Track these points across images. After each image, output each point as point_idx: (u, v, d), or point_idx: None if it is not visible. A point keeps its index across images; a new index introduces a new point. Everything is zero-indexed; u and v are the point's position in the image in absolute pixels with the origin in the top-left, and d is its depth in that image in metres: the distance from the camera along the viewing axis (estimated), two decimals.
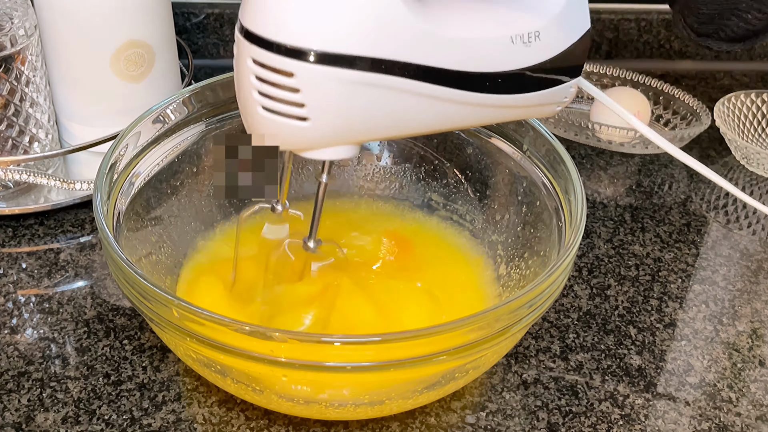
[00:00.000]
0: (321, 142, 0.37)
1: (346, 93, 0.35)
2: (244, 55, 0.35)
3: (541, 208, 0.48)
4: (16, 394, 0.46)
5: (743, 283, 0.56)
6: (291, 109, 0.35)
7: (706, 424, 0.46)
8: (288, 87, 0.35)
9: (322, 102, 0.35)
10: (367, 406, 0.42)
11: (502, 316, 0.38)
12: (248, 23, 0.35)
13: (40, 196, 0.59)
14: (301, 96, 0.35)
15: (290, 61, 0.34)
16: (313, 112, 0.35)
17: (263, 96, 0.36)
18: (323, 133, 0.37)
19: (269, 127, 0.36)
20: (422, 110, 0.38)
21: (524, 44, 0.38)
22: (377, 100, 0.36)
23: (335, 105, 0.35)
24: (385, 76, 0.35)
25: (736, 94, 0.70)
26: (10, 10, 0.57)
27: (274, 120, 0.36)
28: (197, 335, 0.37)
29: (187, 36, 0.80)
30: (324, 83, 0.35)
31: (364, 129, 0.38)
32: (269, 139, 0.37)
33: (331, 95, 0.35)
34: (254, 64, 0.35)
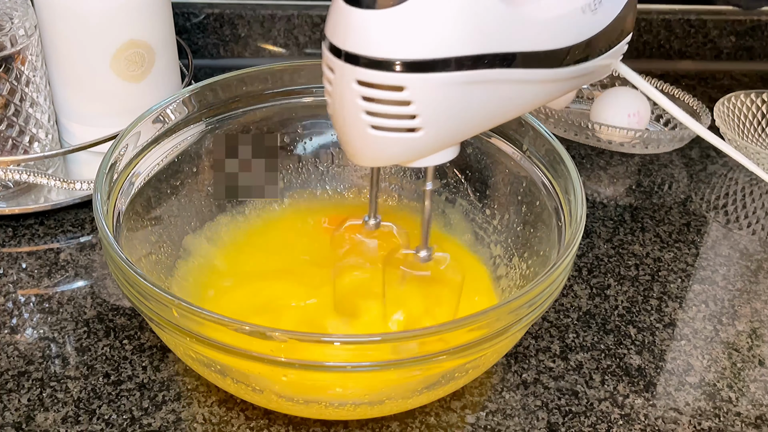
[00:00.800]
0: (430, 150, 0.38)
1: (455, 95, 0.35)
2: (346, 78, 0.35)
3: (541, 208, 0.48)
4: (16, 394, 0.46)
5: (743, 282, 0.56)
6: (403, 123, 0.35)
7: (706, 423, 0.46)
8: (399, 101, 0.35)
9: (433, 109, 0.35)
10: (367, 406, 0.42)
11: (502, 315, 0.38)
12: (346, 45, 0.34)
13: (40, 196, 0.59)
14: (413, 108, 0.35)
15: (398, 75, 0.34)
16: (425, 121, 0.35)
17: (372, 115, 0.35)
18: (434, 140, 0.37)
19: (379, 145, 0.36)
20: (517, 96, 0.39)
21: (592, 12, 0.40)
22: (481, 96, 0.37)
23: (446, 109, 0.36)
24: (488, 70, 0.36)
25: (736, 94, 0.70)
26: (10, 10, 0.57)
27: (385, 137, 0.36)
28: (197, 335, 0.37)
29: (187, 36, 0.80)
30: (434, 90, 0.35)
31: (470, 126, 0.38)
32: (380, 158, 0.37)
33: (442, 100, 0.35)
34: (359, 86, 0.35)
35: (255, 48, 0.81)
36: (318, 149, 0.57)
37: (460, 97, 0.36)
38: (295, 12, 0.80)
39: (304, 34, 0.81)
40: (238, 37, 0.81)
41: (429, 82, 0.34)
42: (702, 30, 0.83)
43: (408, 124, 0.35)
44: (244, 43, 0.81)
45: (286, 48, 0.82)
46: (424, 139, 0.36)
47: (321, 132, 0.56)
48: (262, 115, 0.54)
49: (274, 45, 0.82)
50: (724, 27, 0.83)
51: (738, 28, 0.83)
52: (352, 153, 0.38)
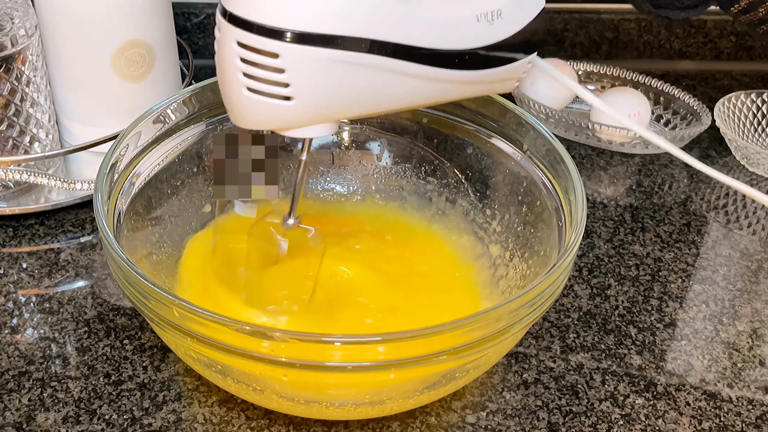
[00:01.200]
0: (304, 121, 0.39)
1: (329, 72, 0.36)
2: (227, 38, 0.36)
3: (542, 208, 0.48)
4: (17, 394, 0.46)
5: (743, 282, 0.56)
6: (276, 89, 0.36)
7: (707, 423, 0.46)
8: (273, 67, 0.36)
9: (306, 81, 0.36)
10: (367, 406, 0.42)
11: (503, 315, 0.38)
12: (231, 6, 0.36)
13: (40, 196, 0.59)
14: (285, 76, 0.36)
15: (275, 42, 0.35)
16: (298, 91, 0.37)
17: (248, 77, 0.37)
18: (306, 112, 0.38)
19: (254, 108, 0.38)
20: (398, 87, 0.39)
21: (488, 22, 0.40)
22: (358, 79, 0.37)
23: (319, 84, 0.37)
24: (366, 55, 0.37)
25: (736, 94, 0.70)
26: (11, 10, 0.57)
27: (259, 101, 0.37)
28: (198, 335, 0.37)
29: (188, 36, 0.80)
30: (308, 63, 0.36)
31: (345, 106, 0.39)
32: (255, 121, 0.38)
33: (315, 74, 0.36)
34: (239, 47, 0.36)
35: None
36: (317, 150, 0.57)
37: (336, 75, 0.37)
38: None
39: None
40: None
41: (304, 54, 0.35)
42: (702, 30, 0.83)
43: (281, 92, 0.36)
44: None
45: None
46: (297, 109, 0.37)
47: None
48: None
49: None
50: (725, 27, 0.83)
51: (738, 28, 0.83)
52: (232, 114, 0.39)
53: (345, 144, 0.57)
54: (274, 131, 0.40)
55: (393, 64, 0.38)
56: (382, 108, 0.41)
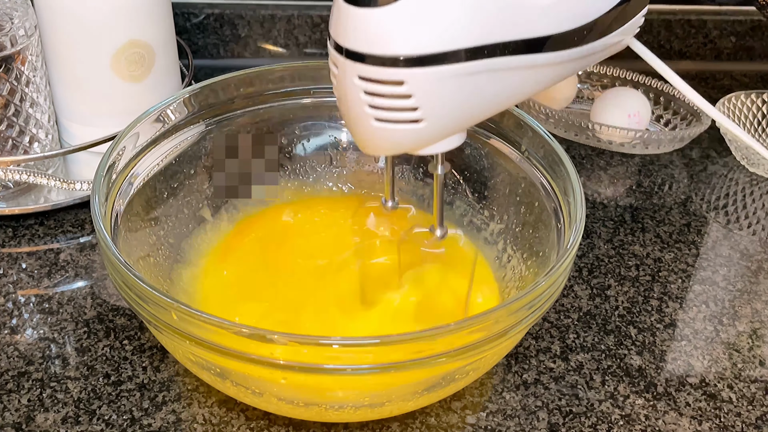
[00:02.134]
0: (435, 138, 0.39)
1: (456, 86, 0.36)
2: (348, 74, 0.36)
3: (540, 209, 0.48)
4: (16, 394, 0.46)
5: (743, 283, 0.56)
6: (405, 115, 0.36)
7: (707, 424, 0.46)
8: (399, 95, 0.36)
9: (434, 101, 0.36)
10: (367, 408, 0.42)
11: (502, 317, 0.38)
12: (346, 42, 0.35)
13: (40, 196, 0.59)
14: (413, 101, 0.36)
15: (397, 70, 0.35)
16: (427, 112, 0.36)
17: (375, 108, 0.36)
18: (438, 130, 0.38)
19: (385, 135, 0.37)
20: (524, 81, 0.39)
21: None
22: (484, 85, 0.37)
23: (447, 100, 0.36)
24: (488, 60, 0.36)
25: (737, 94, 0.70)
26: (10, 10, 0.57)
27: (389, 129, 0.37)
28: (196, 338, 0.37)
29: (188, 36, 0.80)
30: (433, 83, 0.35)
31: (475, 114, 0.39)
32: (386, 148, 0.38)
33: (442, 92, 0.36)
34: (361, 81, 0.36)
35: (255, 48, 0.81)
36: (316, 150, 0.57)
37: (460, 87, 0.36)
38: (296, 12, 0.80)
39: (304, 34, 0.81)
40: (239, 37, 0.80)
41: (428, 75, 0.35)
42: (702, 30, 0.83)
43: (410, 116, 0.36)
44: (245, 43, 0.81)
45: (287, 48, 0.82)
46: (428, 129, 0.37)
47: (319, 133, 0.56)
48: (260, 116, 0.54)
49: (274, 45, 0.82)
50: (725, 27, 0.83)
51: (738, 29, 0.83)
52: (361, 144, 0.39)
53: (343, 145, 0.57)
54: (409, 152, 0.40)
55: (515, 61, 0.37)
56: (507, 104, 0.41)
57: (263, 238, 0.53)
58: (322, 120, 0.56)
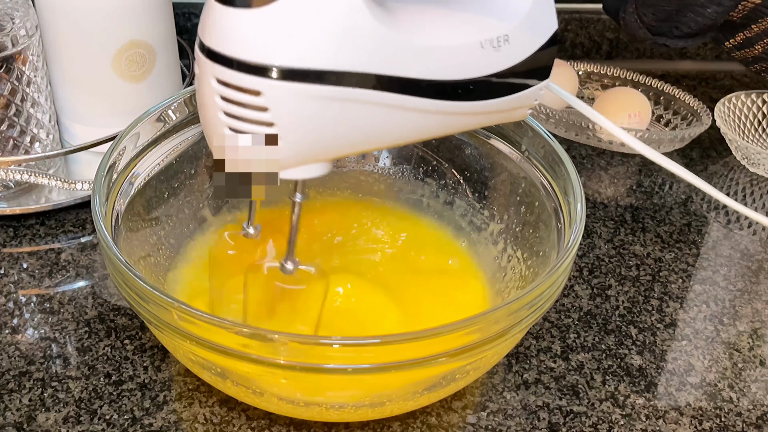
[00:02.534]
0: (292, 162, 0.36)
1: (317, 109, 0.34)
2: (206, 74, 0.34)
3: (540, 209, 0.48)
4: (18, 394, 0.46)
5: (744, 283, 0.56)
6: (260, 129, 0.34)
7: (707, 424, 0.46)
8: (255, 106, 0.33)
9: (292, 120, 0.34)
10: (367, 408, 0.42)
11: (502, 317, 0.38)
12: (209, 41, 0.33)
13: (41, 196, 0.59)
14: (269, 115, 0.33)
15: (256, 79, 0.33)
16: (283, 131, 0.34)
17: (229, 116, 0.34)
18: (294, 152, 0.35)
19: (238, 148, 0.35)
20: (396, 122, 0.37)
21: (494, 48, 0.37)
22: (348, 115, 0.35)
23: (305, 122, 0.34)
24: (356, 89, 0.34)
25: (737, 94, 0.70)
26: (11, 10, 0.57)
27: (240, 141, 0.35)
28: (197, 338, 0.37)
29: (188, 36, 0.80)
30: (293, 100, 0.33)
31: (336, 145, 0.36)
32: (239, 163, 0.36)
33: (301, 112, 0.34)
34: (219, 84, 0.34)
35: None
36: None
37: (324, 112, 0.34)
38: None
39: None
40: None
41: (288, 91, 0.33)
42: None
43: (265, 131, 0.34)
44: None
45: None
46: (284, 150, 0.35)
47: None
48: None
49: None
50: None
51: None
52: (214, 151, 0.36)
53: None
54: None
55: (388, 98, 0.35)
56: (381, 144, 0.38)
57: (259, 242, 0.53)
58: None
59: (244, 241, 0.46)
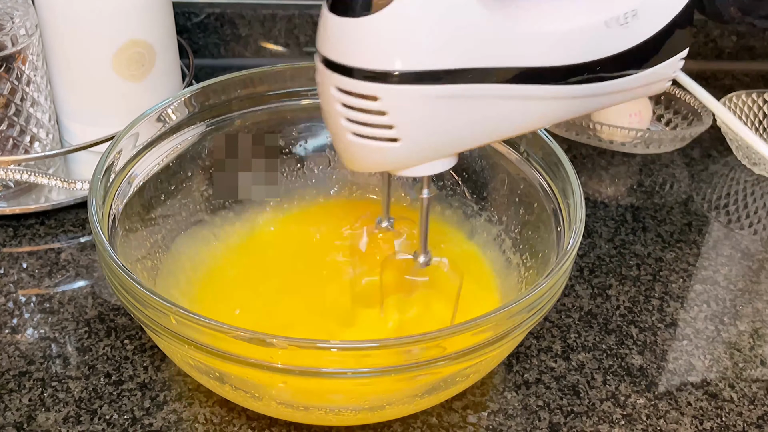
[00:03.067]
0: (415, 160, 0.37)
1: (434, 109, 0.34)
2: (327, 84, 0.35)
3: (540, 210, 0.48)
4: (17, 394, 0.46)
5: (745, 282, 0.56)
6: (380, 132, 0.35)
7: (708, 423, 0.46)
8: (374, 111, 0.34)
9: (410, 121, 0.34)
10: (367, 412, 0.41)
11: (502, 321, 0.37)
12: (326, 52, 0.34)
13: (40, 196, 0.59)
14: (388, 118, 0.34)
15: (373, 85, 0.33)
16: (403, 132, 0.35)
17: (351, 122, 0.35)
18: (416, 151, 0.36)
19: (362, 151, 0.36)
20: (519, 111, 0.37)
21: (621, 26, 0.36)
22: (468, 110, 0.35)
23: (424, 122, 0.35)
24: (473, 85, 0.34)
25: (738, 93, 0.70)
26: (11, 10, 0.57)
27: (365, 144, 0.35)
28: (195, 342, 0.37)
29: (188, 36, 0.80)
30: (409, 102, 0.34)
31: (458, 140, 0.37)
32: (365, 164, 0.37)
33: (419, 113, 0.34)
34: (339, 92, 0.34)
35: (256, 47, 0.81)
36: (314, 152, 0.57)
37: (441, 110, 0.34)
38: (296, 11, 0.80)
39: (305, 33, 0.81)
40: (239, 36, 0.80)
41: (404, 93, 0.33)
42: (703, 30, 0.83)
43: (385, 134, 0.35)
44: (245, 42, 0.81)
45: (287, 47, 0.82)
46: (405, 150, 0.35)
47: (317, 134, 0.56)
48: (260, 117, 0.54)
49: (275, 44, 0.81)
50: (726, 27, 0.82)
51: (739, 28, 0.83)
52: (342, 158, 0.38)
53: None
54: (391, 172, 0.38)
55: (507, 90, 0.35)
56: (504, 135, 0.38)
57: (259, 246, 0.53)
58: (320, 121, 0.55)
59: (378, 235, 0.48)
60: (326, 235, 0.54)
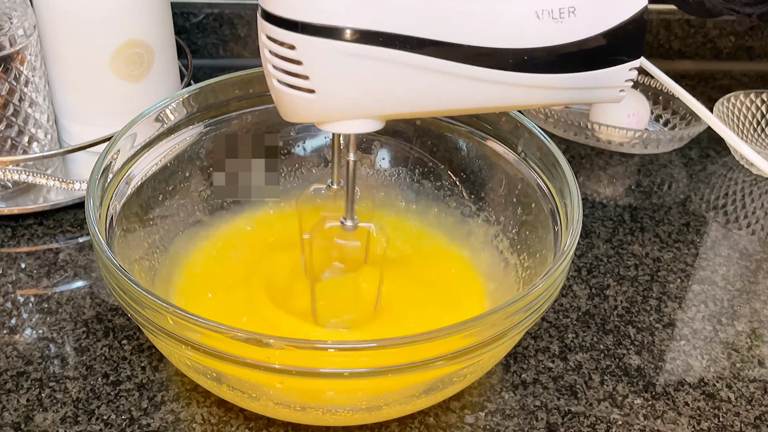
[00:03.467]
0: (333, 115, 0.38)
1: (346, 66, 0.35)
2: (260, 32, 0.36)
3: (537, 210, 0.48)
4: (15, 394, 0.46)
5: (742, 282, 0.56)
6: (298, 81, 0.36)
7: (705, 424, 0.46)
8: (291, 59, 0.35)
9: (324, 74, 0.35)
10: (364, 412, 0.41)
11: (499, 321, 0.37)
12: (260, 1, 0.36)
13: (39, 196, 0.59)
14: (303, 68, 0.35)
15: (290, 34, 0.35)
16: (318, 84, 0.36)
17: (276, 69, 0.36)
18: (332, 106, 0.37)
19: (285, 100, 0.37)
20: (441, 87, 0.37)
21: (554, 20, 0.36)
22: (385, 75, 0.36)
23: (337, 77, 0.36)
24: (389, 49, 0.35)
25: (736, 93, 0.70)
26: (9, 10, 0.57)
27: (287, 93, 0.37)
28: (193, 343, 0.37)
29: (187, 36, 0.80)
30: (322, 55, 0.35)
31: (377, 104, 0.37)
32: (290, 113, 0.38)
33: (331, 67, 0.35)
34: (267, 40, 0.36)
35: (254, 48, 0.81)
36: (313, 152, 0.57)
37: (355, 69, 0.35)
38: None
39: None
40: (238, 36, 0.80)
41: (318, 46, 0.35)
42: (702, 30, 0.83)
43: (303, 84, 0.36)
44: (244, 42, 0.81)
45: None
46: (321, 102, 0.36)
47: (316, 134, 0.56)
48: (258, 117, 0.54)
49: None
50: (724, 27, 0.83)
51: (738, 28, 0.83)
52: (276, 106, 0.39)
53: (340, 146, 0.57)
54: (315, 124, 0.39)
55: (426, 62, 0.35)
56: (427, 109, 0.38)
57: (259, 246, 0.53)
58: None
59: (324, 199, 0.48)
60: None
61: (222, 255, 0.52)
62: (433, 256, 0.53)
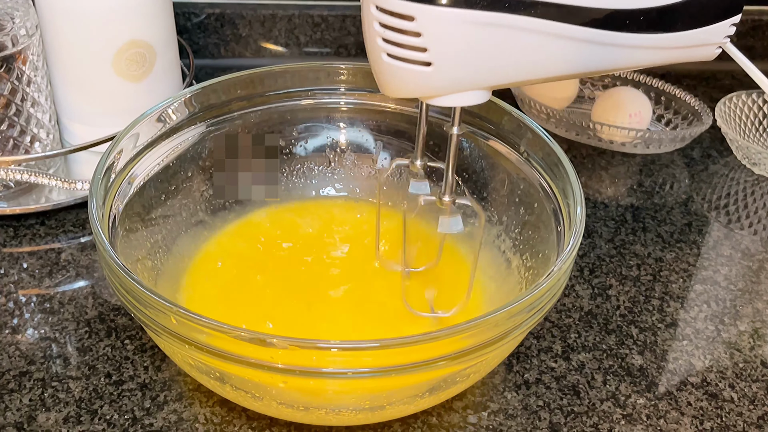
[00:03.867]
0: (447, 88, 0.37)
1: (468, 35, 0.34)
2: (367, 3, 0.35)
3: (540, 210, 0.48)
4: (18, 394, 0.46)
5: (744, 282, 0.56)
6: (414, 54, 0.35)
7: (708, 423, 0.46)
8: (409, 31, 0.34)
9: (444, 45, 0.34)
10: (367, 412, 0.41)
11: (501, 321, 0.37)
12: None
13: (41, 196, 0.59)
14: (422, 40, 0.34)
15: (410, 4, 0.33)
16: (436, 57, 0.35)
17: (387, 43, 0.35)
18: (448, 78, 0.36)
19: (395, 74, 0.36)
20: (556, 52, 0.36)
21: None
22: (504, 42, 0.35)
23: (458, 48, 0.34)
24: (510, 15, 0.34)
25: (738, 93, 0.70)
26: (12, 10, 0.57)
27: (399, 67, 0.35)
28: (196, 342, 0.37)
29: (188, 36, 0.80)
30: (445, 25, 0.34)
31: (493, 73, 0.36)
32: (397, 89, 0.37)
33: (453, 37, 0.34)
34: (377, 11, 0.34)
35: (256, 48, 0.81)
36: (314, 152, 0.57)
37: (477, 38, 0.34)
38: (296, 11, 0.80)
39: (304, 33, 0.81)
40: (239, 36, 0.81)
41: (440, 15, 0.33)
42: None
43: (419, 57, 0.35)
44: (245, 42, 0.81)
45: (287, 47, 0.82)
46: (437, 75, 0.35)
47: (317, 134, 0.56)
48: (260, 117, 0.54)
49: (275, 45, 0.82)
50: None
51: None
52: (379, 83, 0.38)
53: (341, 146, 0.57)
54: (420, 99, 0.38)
55: (545, 26, 0.35)
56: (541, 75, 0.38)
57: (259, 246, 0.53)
58: (320, 122, 0.56)
59: None
60: (326, 234, 0.54)
61: (224, 255, 0.52)
62: (433, 254, 0.53)
